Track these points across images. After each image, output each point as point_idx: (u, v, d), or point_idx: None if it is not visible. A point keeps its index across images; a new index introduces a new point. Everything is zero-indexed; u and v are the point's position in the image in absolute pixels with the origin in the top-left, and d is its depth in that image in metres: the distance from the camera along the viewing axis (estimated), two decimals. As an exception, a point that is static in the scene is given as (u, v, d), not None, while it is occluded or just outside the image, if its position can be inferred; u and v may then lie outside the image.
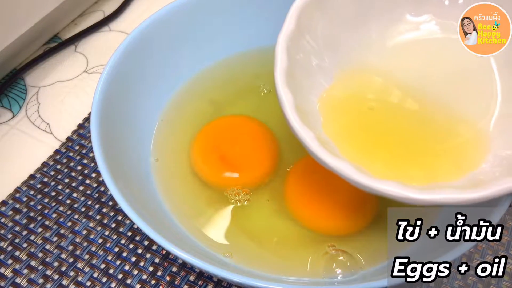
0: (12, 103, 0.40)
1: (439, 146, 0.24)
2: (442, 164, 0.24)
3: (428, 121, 0.25)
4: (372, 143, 0.25)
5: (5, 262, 0.32)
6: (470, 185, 0.22)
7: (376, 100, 0.26)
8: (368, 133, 0.25)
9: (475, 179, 0.23)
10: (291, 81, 0.24)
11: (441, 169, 0.24)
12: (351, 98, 0.26)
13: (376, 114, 0.25)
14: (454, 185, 0.23)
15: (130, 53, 0.32)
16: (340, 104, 0.26)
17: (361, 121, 0.25)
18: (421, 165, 0.24)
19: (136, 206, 0.26)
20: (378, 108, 0.26)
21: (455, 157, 0.24)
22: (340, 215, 0.30)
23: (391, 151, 0.25)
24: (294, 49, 0.25)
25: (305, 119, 0.23)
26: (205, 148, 0.33)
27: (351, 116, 0.26)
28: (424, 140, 0.25)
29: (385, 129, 0.25)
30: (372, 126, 0.25)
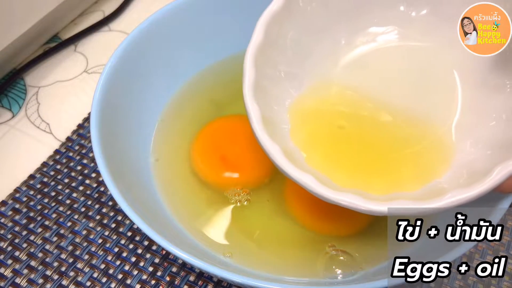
0: (12, 103, 0.40)
1: (402, 155, 0.25)
2: (405, 173, 0.24)
3: (393, 131, 0.25)
4: (338, 152, 0.25)
5: (5, 262, 0.32)
6: (430, 194, 0.22)
7: (343, 110, 0.27)
8: (334, 142, 0.26)
9: (438, 187, 0.23)
10: (260, 93, 0.24)
11: (404, 178, 0.24)
12: (319, 107, 0.27)
13: (343, 124, 0.26)
14: (414, 195, 0.23)
15: (130, 53, 0.32)
16: (308, 113, 0.26)
17: (328, 130, 0.26)
18: (384, 175, 0.24)
19: (136, 206, 0.26)
20: (345, 118, 0.26)
21: (418, 166, 0.24)
22: (340, 216, 0.30)
23: (356, 160, 0.25)
24: (263, 60, 0.25)
25: (273, 129, 0.24)
26: (205, 148, 0.33)
27: (318, 124, 0.26)
28: (389, 150, 0.25)
29: (352, 138, 0.26)
30: (338, 135, 0.26)
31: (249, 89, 0.24)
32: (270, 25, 0.25)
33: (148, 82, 0.34)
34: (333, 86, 0.27)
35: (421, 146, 0.25)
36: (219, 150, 0.33)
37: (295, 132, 0.26)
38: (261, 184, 0.32)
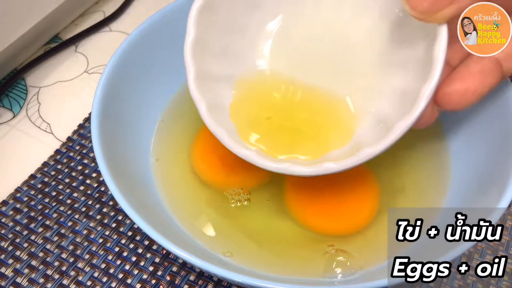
0: (12, 103, 0.40)
1: (325, 123, 0.28)
2: (331, 136, 0.28)
3: (314, 105, 0.29)
4: (271, 132, 0.28)
5: (6, 262, 0.32)
6: (352, 151, 0.26)
7: (270, 98, 0.29)
8: (267, 124, 0.29)
9: (358, 142, 0.27)
10: (204, 85, 0.27)
11: (330, 140, 0.28)
12: (251, 96, 0.29)
13: (270, 114, 0.29)
14: (340, 153, 0.27)
15: (130, 54, 0.32)
16: (243, 102, 0.29)
17: (260, 117, 0.29)
18: (313, 142, 0.28)
19: (136, 206, 0.26)
20: (272, 107, 0.29)
21: (338, 128, 0.28)
22: (339, 215, 0.31)
23: (289, 135, 0.28)
24: (199, 56, 0.27)
25: (218, 115, 0.27)
26: (205, 148, 0.33)
27: (252, 114, 0.29)
28: (314, 122, 0.28)
29: (279, 123, 0.29)
30: (267, 122, 0.29)
31: (194, 82, 0.27)
32: (199, 21, 0.27)
33: (149, 82, 0.34)
34: (261, 77, 0.29)
35: (337, 111, 0.28)
36: (219, 150, 0.33)
37: (233, 117, 0.28)
38: (261, 184, 0.32)
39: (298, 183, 0.32)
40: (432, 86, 0.23)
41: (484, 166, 0.30)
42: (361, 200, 0.31)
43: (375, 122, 0.27)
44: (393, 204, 0.31)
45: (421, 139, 0.34)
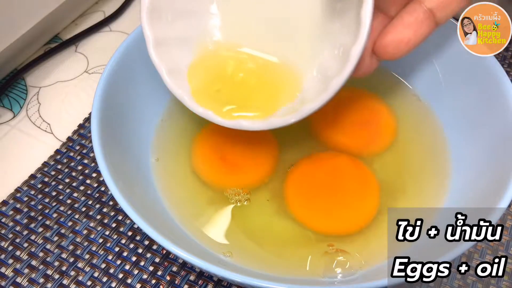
0: (12, 103, 0.40)
1: (273, 84, 0.30)
2: (279, 95, 0.29)
3: (263, 69, 0.30)
4: (224, 95, 0.30)
5: (6, 262, 0.32)
6: (298, 107, 0.28)
7: (223, 61, 0.31)
8: (220, 89, 0.30)
9: (303, 98, 0.29)
10: (163, 51, 0.29)
11: (279, 99, 0.29)
12: (206, 61, 0.30)
13: (225, 74, 0.30)
14: (287, 109, 0.29)
15: (130, 54, 0.32)
16: (199, 67, 0.30)
17: (213, 82, 0.30)
18: (263, 102, 0.29)
19: (136, 206, 0.26)
20: (226, 68, 0.30)
21: (284, 88, 0.29)
22: (339, 215, 0.31)
23: (240, 97, 0.30)
24: (156, 23, 0.28)
25: (177, 79, 0.29)
26: (206, 148, 0.33)
27: (206, 79, 0.30)
28: (263, 84, 0.30)
29: (234, 81, 0.30)
30: (223, 82, 0.30)
31: (152, 47, 0.28)
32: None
33: (149, 82, 0.34)
34: (216, 44, 0.31)
35: (284, 73, 0.30)
36: (220, 150, 0.33)
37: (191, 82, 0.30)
38: (261, 184, 0.32)
39: (298, 183, 0.32)
40: (360, 47, 0.24)
41: (484, 166, 0.30)
42: (361, 200, 0.31)
43: (318, 79, 0.29)
44: (393, 204, 0.32)
45: (422, 139, 0.35)
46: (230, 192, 0.32)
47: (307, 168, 0.32)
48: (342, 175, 0.32)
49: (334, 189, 0.31)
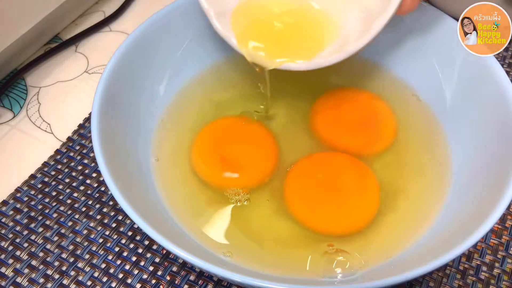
0: (12, 103, 0.40)
1: (315, 26, 0.31)
2: (321, 36, 0.30)
3: (304, 13, 0.31)
4: (268, 38, 0.31)
5: (6, 262, 0.32)
6: (340, 47, 0.29)
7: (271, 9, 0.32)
8: (264, 32, 0.31)
9: (346, 38, 0.29)
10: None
11: (323, 40, 0.30)
12: (249, 7, 0.32)
13: (269, 19, 0.31)
14: (331, 50, 0.30)
15: (130, 53, 0.32)
16: (242, 12, 0.31)
17: (258, 26, 0.31)
18: (307, 43, 0.31)
19: (136, 206, 0.26)
20: (274, 15, 0.32)
21: (326, 28, 0.31)
22: (339, 215, 0.31)
23: (284, 41, 0.31)
24: None
25: (223, 23, 0.31)
26: (206, 148, 0.33)
27: (250, 23, 0.31)
28: (305, 27, 0.31)
29: (277, 26, 0.31)
30: (270, 28, 0.31)
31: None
32: None
33: (149, 82, 0.34)
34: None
35: (326, 15, 0.31)
36: (219, 150, 0.33)
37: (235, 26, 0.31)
38: (261, 184, 0.32)
39: (297, 183, 0.32)
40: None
41: (484, 166, 0.30)
42: (361, 200, 0.31)
43: (360, 19, 0.29)
44: (393, 204, 0.32)
45: (422, 139, 0.35)
46: (230, 192, 0.32)
47: (307, 168, 0.32)
48: (342, 175, 0.32)
49: (334, 189, 0.31)
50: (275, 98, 0.36)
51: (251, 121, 0.35)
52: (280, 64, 0.30)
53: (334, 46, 0.30)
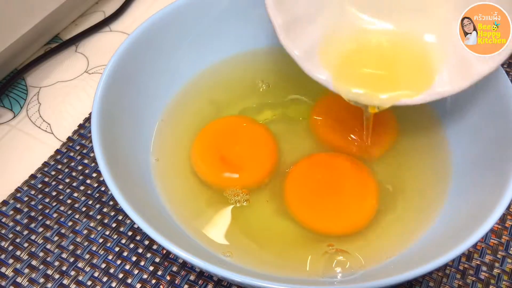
0: (13, 103, 0.40)
1: (406, 69, 0.29)
2: (404, 82, 0.29)
3: (397, 49, 0.30)
4: (362, 77, 0.29)
5: (6, 262, 0.32)
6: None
7: (358, 41, 0.30)
8: (357, 65, 0.30)
9: (433, 92, 0.28)
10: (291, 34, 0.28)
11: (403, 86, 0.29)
12: (337, 42, 0.30)
13: (360, 53, 0.30)
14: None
15: (130, 54, 0.32)
16: (331, 47, 0.30)
17: (350, 59, 0.29)
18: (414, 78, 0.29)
19: (136, 206, 0.26)
20: (360, 49, 0.30)
21: (414, 76, 0.29)
22: (338, 216, 0.31)
23: (381, 80, 0.29)
24: (281, 5, 0.28)
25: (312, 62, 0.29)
26: (205, 149, 0.33)
27: (341, 56, 0.29)
28: (397, 67, 0.29)
29: (368, 62, 0.30)
30: (359, 61, 0.29)
31: (281, 30, 0.28)
32: None
33: (149, 82, 0.34)
34: (344, 17, 0.30)
35: (416, 61, 0.29)
36: (219, 150, 0.33)
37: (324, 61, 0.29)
38: (260, 185, 0.32)
39: (297, 184, 0.32)
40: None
41: (484, 167, 0.30)
42: (360, 200, 0.31)
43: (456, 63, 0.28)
44: (393, 205, 0.32)
45: (422, 139, 0.35)
46: (229, 193, 0.32)
47: (307, 168, 0.32)
48: (341, 175, 0.32)
49: (333, 190, 0.31)
50: (275, 98, 0.36)
51: (251, 121, 0.35)
52: (392, 100, 0.28)
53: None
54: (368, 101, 0.28)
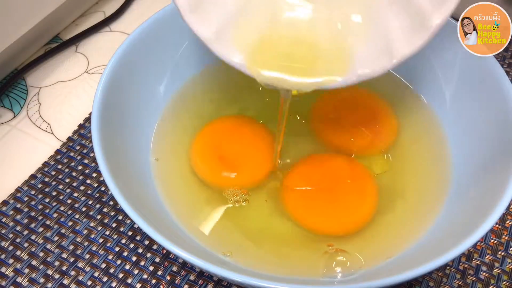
0: (13, 103, 0.40)
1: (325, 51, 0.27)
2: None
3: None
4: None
5: (6, 262, 0.32)
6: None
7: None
8: (273, 46, 0.27)
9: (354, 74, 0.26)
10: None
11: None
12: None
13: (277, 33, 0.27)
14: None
15: (130, 54, 0.32)
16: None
17: (266, 39, 0.27)
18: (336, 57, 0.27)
19: (136, 206, 0.26)
20: (277, 29, 0.27)
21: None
22: (337, 216, 0.31)
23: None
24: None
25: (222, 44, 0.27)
26: (205, 148, 0.33)
27: (257, 36, 0.27)
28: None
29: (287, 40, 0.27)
30: (276, 41, 0.27)
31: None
32: None
33: (149, 82, 0.35)
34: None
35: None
36: (218, 150, 0.33)
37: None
38: (259, 185, 0.32)
39: (296, 184, 0.32)
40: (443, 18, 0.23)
41: (484, 166, 0.30)
42: (360, 200, 0.31)
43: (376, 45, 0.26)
44: (393, 205, 0.32)
45: (422, 139, 0.35)
46: (228, 193, 0.32)
47: (306, 169, 0.32)
48: (340, 176, 0.32)
49: (332, 190, 0.31)
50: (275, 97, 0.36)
51: (250, 121, 0.35)
52: (312, 85, 0.26)
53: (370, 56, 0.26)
54: (284, 85, 0.26)
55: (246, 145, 0.33)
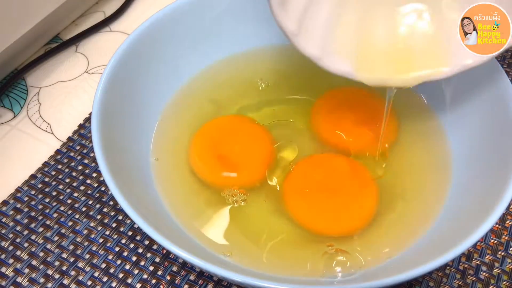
0: (13, 103, 0.40)
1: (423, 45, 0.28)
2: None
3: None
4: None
5: (6, 262, 0.32)
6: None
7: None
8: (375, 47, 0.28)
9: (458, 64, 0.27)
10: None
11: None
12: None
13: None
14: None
15: (130, 54, 0.32)
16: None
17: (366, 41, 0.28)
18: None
19: (136, 206, 0.26)
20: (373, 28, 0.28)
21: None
22: (337, 217, 0.30)
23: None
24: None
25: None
26: (203, 148, 0.33)
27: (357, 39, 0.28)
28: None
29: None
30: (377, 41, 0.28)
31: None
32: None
33: (149, 82, 0.35)
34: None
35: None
36: (217, 150, 0.33)
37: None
38: (258, 185, 0.32)
39: (295, 184, 0.32)
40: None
41: (484, 167, 0.30)
42: (359, 201, 0.31)
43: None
44: (393, 205, 0.32)
45: (422, 139, 0.35)
46: (226, 193, 0.32)
47: (305, 169, 0.32)
48: (340, 176, 0.32)
49: (332, 191, 0.31)
50: (275, 96, 0.36)
51: (248, 120, 0.35)
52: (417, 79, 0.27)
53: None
54: (392, 83, 0.28)
55: (244, 144, 0.33)
